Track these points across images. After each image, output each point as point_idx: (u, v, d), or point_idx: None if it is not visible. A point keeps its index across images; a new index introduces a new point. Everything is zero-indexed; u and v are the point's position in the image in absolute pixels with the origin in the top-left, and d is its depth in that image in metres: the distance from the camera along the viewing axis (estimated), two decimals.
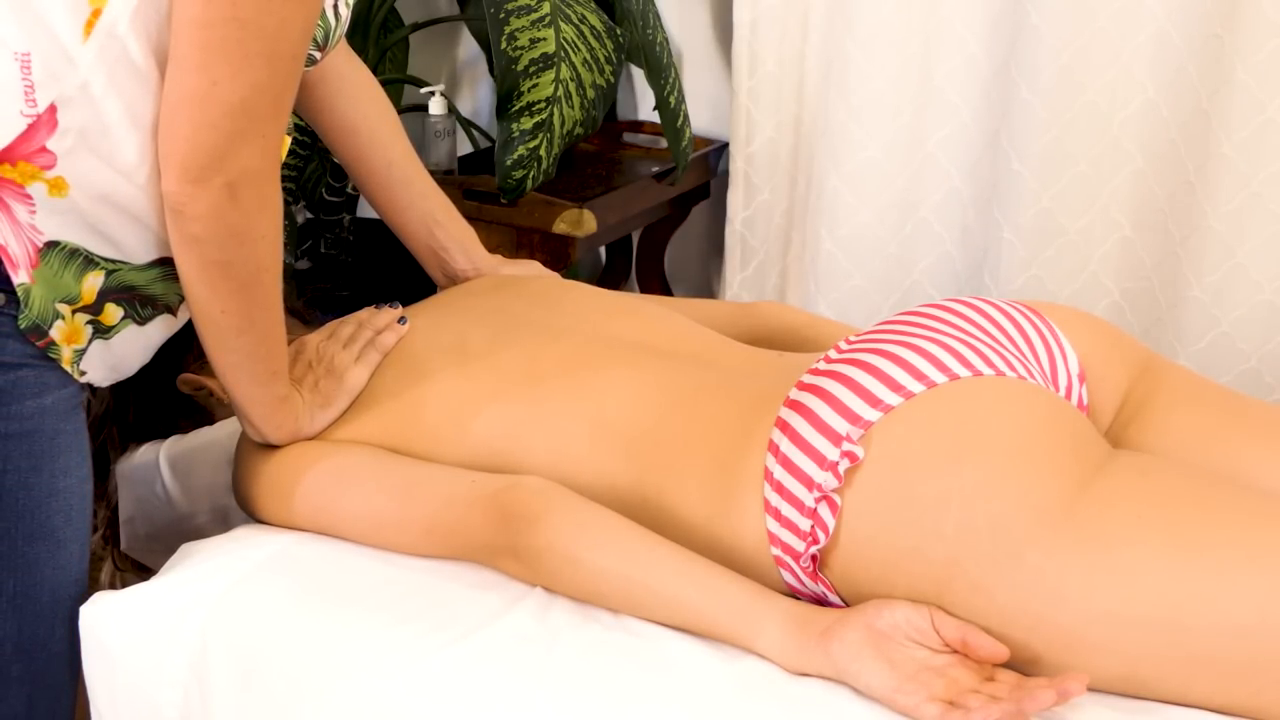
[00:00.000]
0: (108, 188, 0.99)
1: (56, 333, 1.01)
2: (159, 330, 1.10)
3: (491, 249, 1.44)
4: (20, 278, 0.98)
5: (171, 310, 1.10)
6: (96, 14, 0.94)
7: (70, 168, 0.97)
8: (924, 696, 0.86)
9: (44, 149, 0.95)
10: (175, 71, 0.93)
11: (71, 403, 1.05)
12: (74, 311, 1.02)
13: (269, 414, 1.12)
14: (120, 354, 1.08)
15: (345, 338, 1.21)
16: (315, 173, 2.04)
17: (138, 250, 1.03)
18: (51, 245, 0.99)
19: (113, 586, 1.34)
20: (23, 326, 0.99)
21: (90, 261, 1.01)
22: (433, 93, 2.00)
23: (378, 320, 1.22)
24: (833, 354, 1.03)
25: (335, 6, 1.11)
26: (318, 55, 1.13)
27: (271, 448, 1.15)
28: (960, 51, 1.86)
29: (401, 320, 1.22)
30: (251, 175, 0.96)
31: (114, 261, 1.02)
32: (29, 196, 0.96)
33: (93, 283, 1.02)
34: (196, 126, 0.93)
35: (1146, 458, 1.00)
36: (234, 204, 0.95)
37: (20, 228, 0.97)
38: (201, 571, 1.07)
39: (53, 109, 0.95)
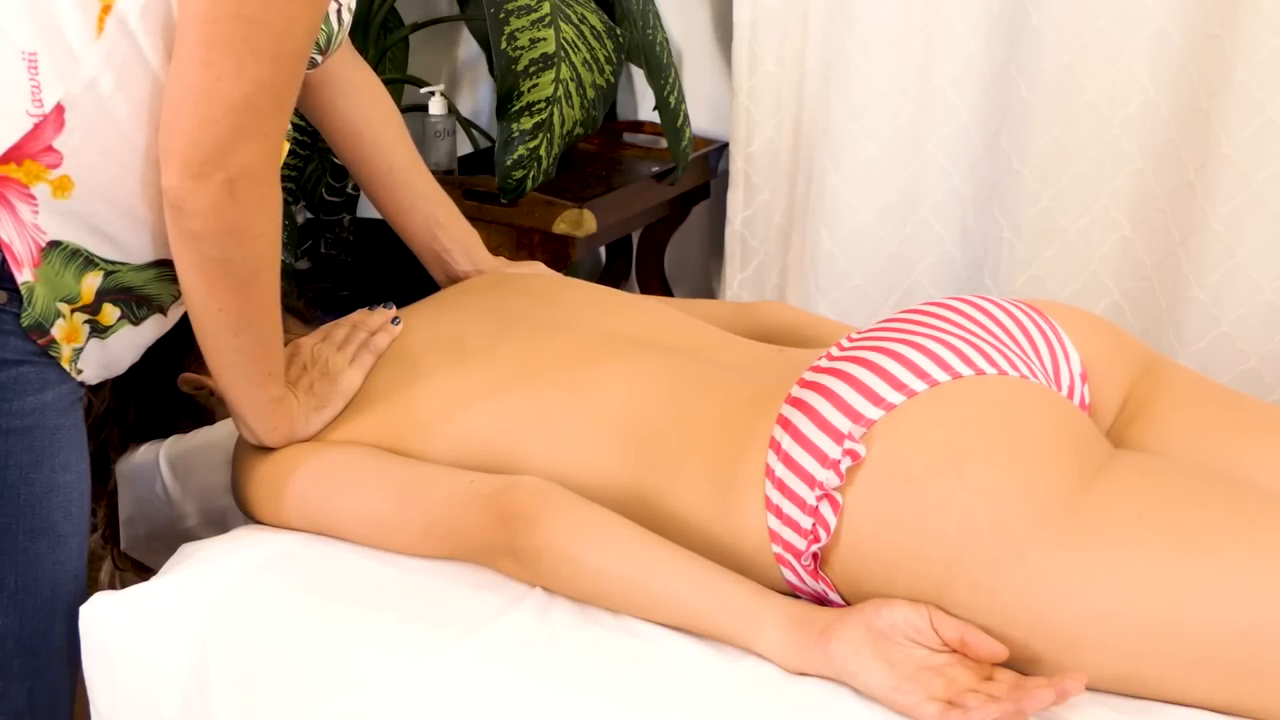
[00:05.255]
0: (113, 186, 0.99)
1: (57, 331, 1.02)
2: (151, 330, 1.11)
3: (492, 249, 1.44)
4: (24, 276, 0.98)
5: (163, 310, 1.10)
6: (106, 9, 0.94)
7: (76, 166, 0.97)
8: (923, 696, 0.86)
9: (50, 148, 0.96)
10: (179, 67, 0.94)
11: (71, 399, 1.06)
12: (73, 311, 1.02)
13: (264, 415, 1.12)
14: (115, 353, 1.08)
15: (339, 340, 1.20)
16: (315, 173, 2.04)
17: (139, 250, 1.04)
18: (54, 245, 0.99)
19: (112, 586, 1.34)
20: (25, 325, 1.00)
21: (90, 262, 1.01)
22: (433, 93, 2.00)
23: (371, 321, 1.22)
24: (835, 351, 1.03)
25: (339, 12, 1.12)
26: (319, 59, 1.13)
27: (269, 449, 1.15)
28: (960, 51, 1.86)
29: (395, 321, 1.22)
30: (252, 172, 0.96)
31: (113, 262, 1.03)
32: (33, 196, 0.97)
33: (91, 283, 1.02)
34: (198, 122, 0.93)
35: (1148, 458, 1.00)
36: (233, 201, 0.95)
37: (24, 227, 0.97)
38: (201, 571, 1.07)
39: (60, 108, 0.95)
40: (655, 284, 2.38)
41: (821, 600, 0.98)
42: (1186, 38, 1.67)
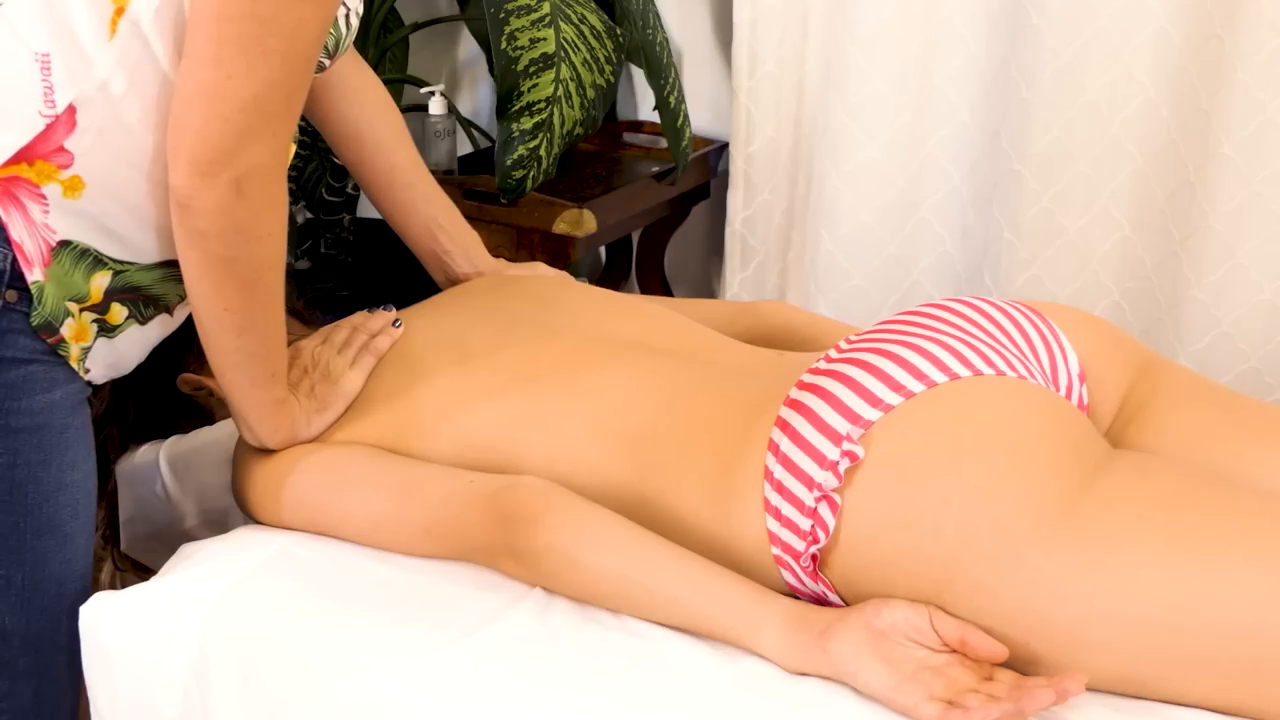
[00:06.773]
0: (123, 186, 1.00)
1: (66, 330, 1.02)
2: (157, 330, 1.11)
3: (492, 249, 1.44)
4: (34, 275, 0.99)
5: (169, 310, 1.10)
6: (120, 11, 0.95)
7: (87, 166, 0.97)
8: (923, 696, 0.86)
9: (62, 148, 0.96)
10: (190, 65, 0.94)
11: (78, 398, 1.06)
12: (82, 310, 1.03)
13: (266, 417, 1.12)
14: (122, 352, 1.08)
15: (340, 342, 1.20)
16: (315, 173, 2.04)
17: (147, 250, 1.04)
18: (64, 245, 0.99)
19: (113, 586, 1.34)
20: (35, 324, 1.00)
21: (99, 262, 1.02)
22: (433, 93, 2.00)
23: (372, 324, 1.22)
24: (833, 353, 1.03)
25: (347, 16, 1.12)
26: (326, 62, 1.13)
27: (269, 450, 1.15)
28: (960, 51, 1.86)
29: (396, 323, 1.22)
30: (260, 172, 0.96)
31: (122, 262, 1.03)
32: (44, 196, 0.97)
33: (100, 282, 1.02)
34: (208, 120, 0.93)
35: (1147, 458, 1.00)
36: (241, 200, 0.96)
37: (35, 227, 0.98)
38: (201, 571, 1.07)
39: (72, 109, 0.95)
40: (655, 284, 2.38)
41: (821, 601, 0.98)
42: (1186, 38, 1.67)
